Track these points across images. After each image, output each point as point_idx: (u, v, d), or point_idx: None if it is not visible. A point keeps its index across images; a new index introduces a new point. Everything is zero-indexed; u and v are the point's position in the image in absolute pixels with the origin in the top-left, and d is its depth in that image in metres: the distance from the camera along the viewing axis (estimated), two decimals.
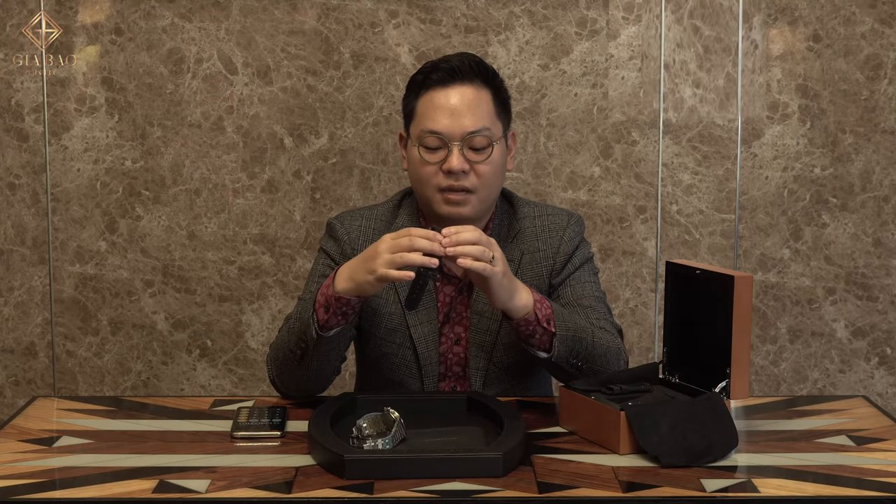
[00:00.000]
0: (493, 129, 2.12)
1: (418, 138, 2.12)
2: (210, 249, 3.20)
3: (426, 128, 2.11)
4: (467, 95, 2.11)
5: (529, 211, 2.24)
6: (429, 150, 2.11)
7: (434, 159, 2.11)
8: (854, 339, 3.25)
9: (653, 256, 3.21)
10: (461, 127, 2.09)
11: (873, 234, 3.21)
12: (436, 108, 2.11)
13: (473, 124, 2.09)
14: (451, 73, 2.11)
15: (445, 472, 1.67)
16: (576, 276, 2.19)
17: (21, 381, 3.25)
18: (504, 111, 2.18)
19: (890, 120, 3.17)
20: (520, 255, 2.19)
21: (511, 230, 2.21)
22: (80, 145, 3.16)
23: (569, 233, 2.21)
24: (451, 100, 2.11)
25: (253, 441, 1.86)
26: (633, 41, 3.15)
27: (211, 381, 3.25)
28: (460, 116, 2.09)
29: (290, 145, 3.16)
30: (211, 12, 3.12)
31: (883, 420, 1.99)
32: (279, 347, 2.11)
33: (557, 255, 2.19)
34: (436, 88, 2.12)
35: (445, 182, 2.10)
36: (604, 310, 2.18)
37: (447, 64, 2.13)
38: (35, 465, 1.75)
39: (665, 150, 3.18)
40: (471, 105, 2.11)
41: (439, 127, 2.09)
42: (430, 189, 2.12)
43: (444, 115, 2.10)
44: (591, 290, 2.19)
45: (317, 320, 1.99)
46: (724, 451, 1.77)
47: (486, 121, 2.11)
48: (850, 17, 3.13)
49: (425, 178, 2.12)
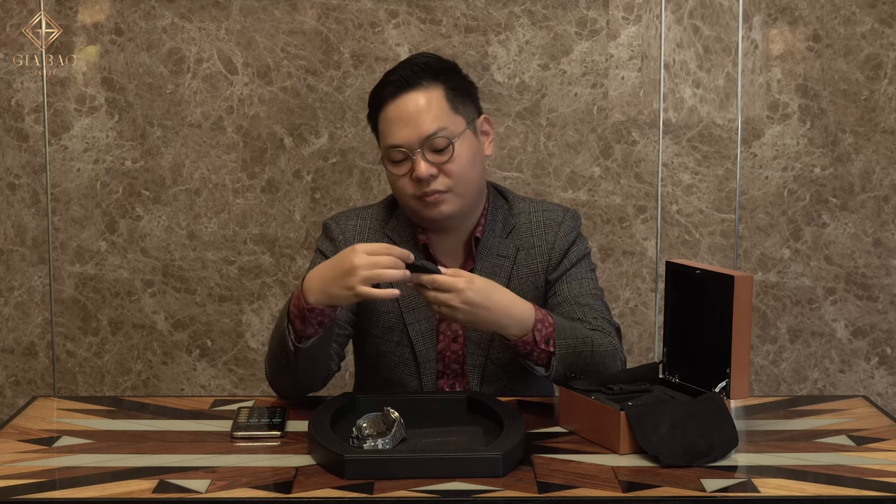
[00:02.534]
0: (450, 127, 2.11)
1: (386, 155, 2.14)
2: (210, 249, 3.20)
3: (387, 143, 2.13)
4: (416, 101, 2.12)
5: (525, 207, 2.24)
6: (395, 163, 2.13)
7: (402, 171, 2.12)
8: (854, 339, 3.25)
9: (653, 256, 3.21)
10: (417, 134, 2.10)
11: (873, 234, 3.21)
12: (391, 122, 2.12)
13: (428, 128, 2.10)
14: (398, 85, 2.13)
15: (445, 472, 1.67)
16: (573, 272, 2.19)
17: (21, 381, 3.26)
18: (463, 102, 2.16)
19: (890, 120, 3.17)
20: (515, 250, 2.19)
21: (506, 225, 2.21)
22: (80, 145, 3.16)
23: (564, 228, 2.21)
24: (401, 111, 2.12)
25: (253, 441, 1.86)
26: (633, 41, 3.15)
27: (211, 381, 3.25)
28: (414, 125, 2.10)
29: (290, 145, 3.16)
30: (211, 12, 3.12)
31: (883, 420, 1.99)
32: (268, 353, 2.12)
33: (553, 250, 2.19)
34: (388, 103, 2.13)
35: (419, 190, 2.11)
36: (601, 308, 2.17)
37: (394, 76, 2.14)
38: (35, 465, 1.75)
39: (665, 150, 3.18)
40: (421, 110, 2.11)
41: (398, 140, 2.11)
42: (408, 199, 2.14)
43: (399, 127, 2.11)
44: (588, 287, 2.19)
45: (293, 332, 1.99)
46: (724, 451, 1.77)
47: (440, 121, 2.11)
48: (850, 17, 3.13)
49: (400, 191, 2.15)
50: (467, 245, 2.20)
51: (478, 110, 2.21)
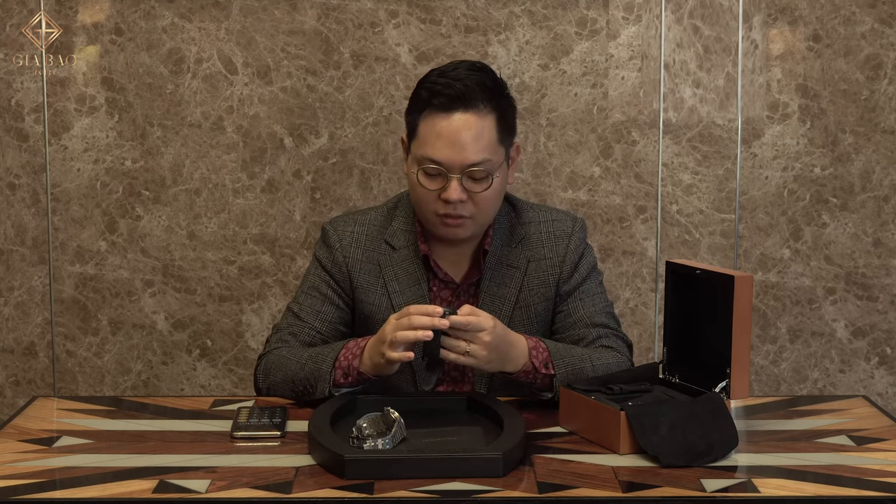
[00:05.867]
0: (493, 159, 2.06)
1: (418, 162, 2.08)
2: (210, 249, 3.20)
3: (426, 154, 2.06)
4: (470, 124, 2.04)
5: (533, 216, 2.22)
6: (428, 176, 2.07)
7: (433, 186, 2.07)
8: (854, 338, 3.25)
9: (653, 256, 3.21)
10: (462, 159, 2.04)
11: (873, 234, 3.21)
12: (437, 136, 2.05)
13: (474, 156, 2.04)
14: (455, 100, 2.04)
15: (445, 472, 1.67)
16: (584, 288, 2.19)
17: (21, 381, 3.26)
18: (508, 132, 2.12)
19: (890, 120, 3.17)
20: (525, 262, 2.18)
21: (515, 235, 2.19)
22: (80, 145, 3.16)
23: (574, 240, 2.20)
24: (452, 130, 2.04)
25: (253, 441, 1.86)
26: (633, 41, 3.15)
27: (211, 381, 3.25)
28: (461, 148, 2.03)
29: (290, 145, 3.16)
30: (211, 12, 3.12)
31: (883, 420, 1.99)
32: (276, 370, 2.11)
33: (564, 263, 2.19)
34: (438, 113, 2.05)
35: (443, 209, 2.07)
36: (614, 325, 2.19)
37: (451, 89, 2.04)
38: (35, 465, 1.75)
39: (665, 150, 3.18)
40: (473, 136, 2.04)
41: (439, 156, 2.04)
42: (429, 213, 2.10)
43: (444, 145, 2.04)
44: (601, 304, 2.20)
45: (333, 380, 2.01)
46: (724, 451, 1.77)
47: (487, 152, 2.05)
48: (850, 17, 3.13)
49: (423, 202, 2.10)
50: (474, 256, 2.19)
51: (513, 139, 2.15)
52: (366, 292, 2.17)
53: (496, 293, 2.16)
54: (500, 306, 2.15)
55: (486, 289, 2.16)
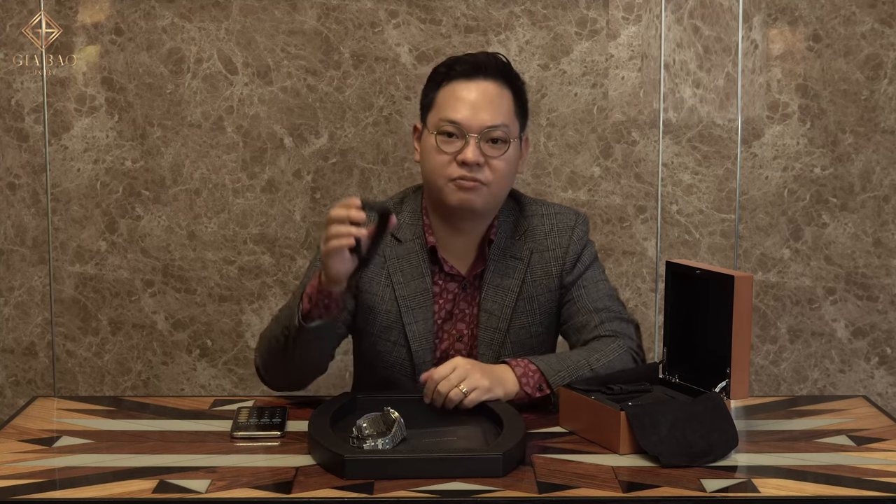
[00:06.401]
0: (511, 127, 2.13)
1: (436, 126, 2.13)
2: (210, 249, 3.20)
3: (445, 116, 2.11)
4: (490, 91, 2.12)
5: (537, 209, 2.25)
6: (445, 136, 2.11)
7: (450, 149, 2.11)
8: (854, 338, 3.25)
9: (653, 256, 3.21)
10: (480, 120, 2.10)
11: (873, 234, 3.21)
12: (457, 99, 2.12)
13: (493, 119, 2.11)
14: (476, 68, 2.13)
15: (445, 472, 1.67)
16: (587, 276, 2.22)
17: (21, 381, 3.26)
18: (522, 114, 2.19)
19: (890, 120, 3.17)
20: (529, 253, 2.20)
21: (518, 227, 2.22)
22: (80, 145, 3.16)
23: (577, 232, 2.23)
24: (472, 93, 2.12)
25: (253, 441, 1.86)
26: (633, 41, 3.15)
27: (211, 381, 3.25)
28: (481, 110, 2.10)
29: (290, 145, 3.16)
30: (211, 12, 3.12)
31: (883, 420, 1.99)
32: (266, 336, 2.13)
33: (567, 254, 2.21)
34: (459, 80, 2.13)
35: (458, 172, 2.10)
36: (618, 307, 2.21)
37: (473, 58, 2.15)
38: (35, 465, 1.75)
39: (665, 150, 3.18)
40: (492, 100, 2.12)
41: (459, 117, 2.10)
42: (442, 179, 2.12)
43: (464, 107, 2.11)
44: (604, 290, 2.23)
45: (300, 309, 2.00)
46: (724, 451, 1.77)
47: (505, 118, 2.12)
48: (850, 17, 3.13)
49: (438, 168, 2.12)
50: (480, 247, 2.21)
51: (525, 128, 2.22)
52: (369, 283, 2.18)
53: (500, 284, 2.18)
54: (504, 297, 2.17)
55: (490, 280, 2.18)
